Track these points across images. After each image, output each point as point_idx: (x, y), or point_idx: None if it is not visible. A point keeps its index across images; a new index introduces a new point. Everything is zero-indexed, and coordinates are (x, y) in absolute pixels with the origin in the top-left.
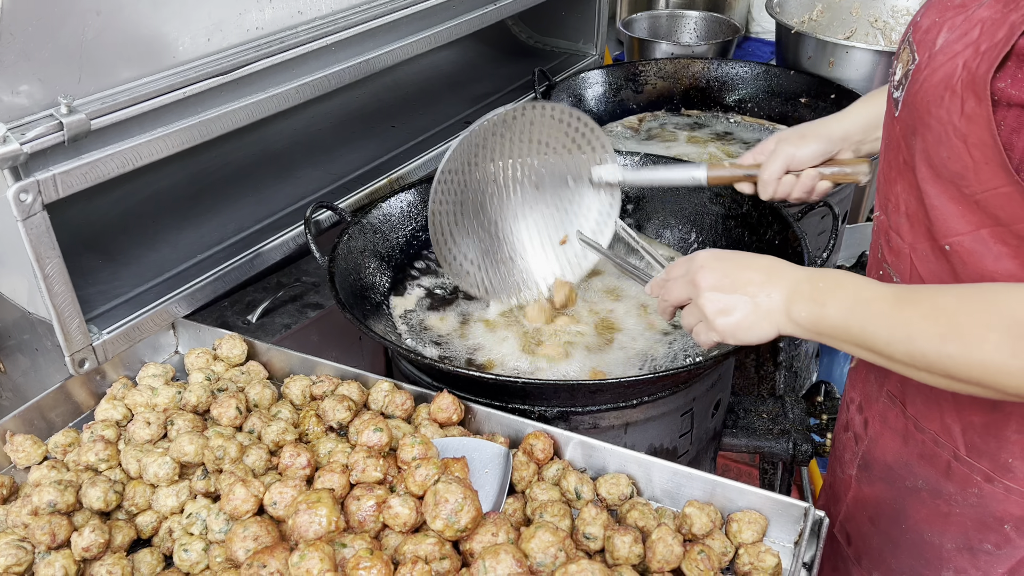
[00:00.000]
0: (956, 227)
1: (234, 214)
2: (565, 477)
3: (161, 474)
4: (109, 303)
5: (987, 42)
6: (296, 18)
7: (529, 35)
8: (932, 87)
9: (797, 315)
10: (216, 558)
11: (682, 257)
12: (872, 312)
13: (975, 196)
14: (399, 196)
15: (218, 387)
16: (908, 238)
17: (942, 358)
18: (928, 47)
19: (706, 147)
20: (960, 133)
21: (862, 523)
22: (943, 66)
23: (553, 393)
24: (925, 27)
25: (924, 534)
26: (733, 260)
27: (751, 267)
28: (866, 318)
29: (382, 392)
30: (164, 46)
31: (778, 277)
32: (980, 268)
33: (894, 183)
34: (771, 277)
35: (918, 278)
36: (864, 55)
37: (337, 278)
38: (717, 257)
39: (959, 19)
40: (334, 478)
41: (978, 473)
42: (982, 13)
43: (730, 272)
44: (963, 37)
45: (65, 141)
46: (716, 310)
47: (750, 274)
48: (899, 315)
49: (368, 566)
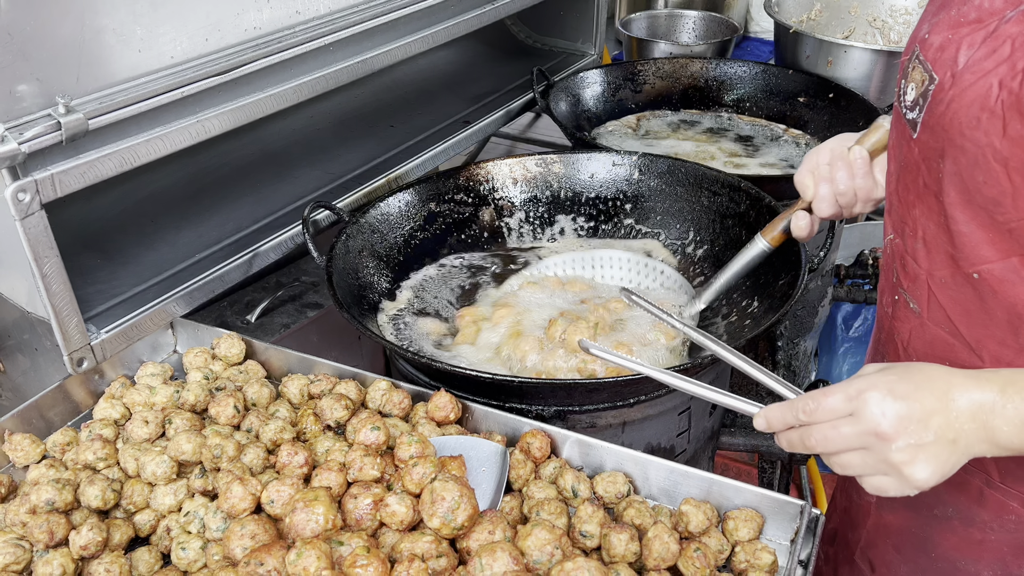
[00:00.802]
0: (985, 254)
1: (232, 214)
2: (562, 475)
3: (159, 473)
4: (107, 302)
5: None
6: (294, 18)
7: (528, 35)
8: (964, 107)
9: (1003, 439)
10: (214, 556)
11: (826, 389)
12: None
13: (1010, 224)
14: (397, 196)
15: (216, 386)
16: (924, 264)
17: None
18: (948, 66)
19: (705, 146)
20: (1000, 156)
21: (886, 551)
22: (973, 85)
23: (550, 392)
24: (938, 45)
25: (957, 562)
26: (909, 395)
27: (933, 395)
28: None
29: (380, 391)
30: (162, 46)
31: (964, 402)
32: (1012, 296)
33: (912, 207)
34: (958, 404)
35: (937, 305)
36: (862, 54)
37: (335, 278)
38: (894, 394)
39: (979, 35)
40: (331, 476)
41: (1014, 499)
42: (1011, 29)
43: (916, 413)
44: (992, 55)
45: (63, 141)
46: (915, 464)
47: (935, 407)
48: None
49: (365, 564)
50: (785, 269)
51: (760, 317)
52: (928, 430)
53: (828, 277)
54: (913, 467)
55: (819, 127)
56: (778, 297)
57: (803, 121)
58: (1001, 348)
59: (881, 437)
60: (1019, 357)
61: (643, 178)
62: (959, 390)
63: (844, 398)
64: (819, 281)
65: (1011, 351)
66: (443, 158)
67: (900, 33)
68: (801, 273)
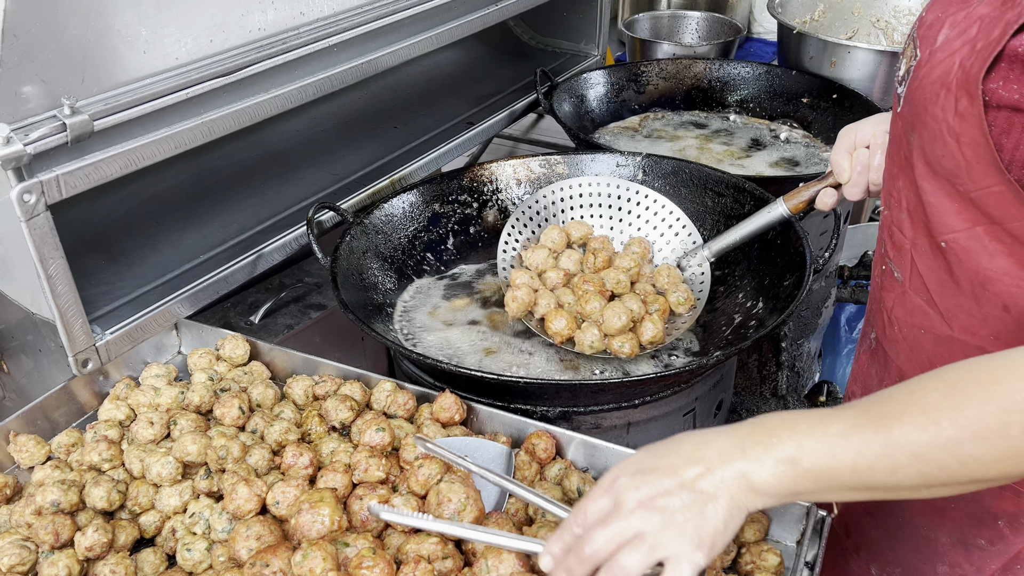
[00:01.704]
0: (952, 224)
1: (236, 215)
2: (567, 477)
3: (164, 474)
4: (112, 304)
5: (983, 40)
6: (298, 19)
7: (531, 36)
8: (930, 84)
9: (766, 484)
10: (219, 557)
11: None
12: (855, 446)
13: (969, 194)
14: (401, 196)
15: (221, 387)
16: (909, 234)
17: (964, 464)
18: (930, 43)
19: (708, 147)
20: (953, 131)
21: (860, 515)
22: (941, 63)
23: (555, 393)
24: (929, 23)
25: (920, 528)
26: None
27: (677, 453)
28: (854, 454)
29: (384, 392)
30: (167, 47)
31: (716, 455)
32: (975, 265)
33: (896, 179)
34: (703, 455)
35: (917, 274)
36: (866, 55)
37: (339, 278)
38: (637, 464)
39: (961, 15)
40: (337, 478)
41: None
42: (982, 10)
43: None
44: (962, 34)
45: (68, 142)
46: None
47: (681, 466)
48: (889, 437)
49: (371, 565)
50: (790, 270)
51: (765, 318)
52: (685, 493)
53: (832, 278)
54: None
55: (823, 128)
56: (783, 298)
57: (807, 122)
58: (969, 318)
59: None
60: (983, 326)
61: (647, 179)
62: (704, 438)
63: (601, 491)
64: (823, 282)
65: (976, 321)
66: (447, 159)
67: (903, 34)
68: (806, 274)
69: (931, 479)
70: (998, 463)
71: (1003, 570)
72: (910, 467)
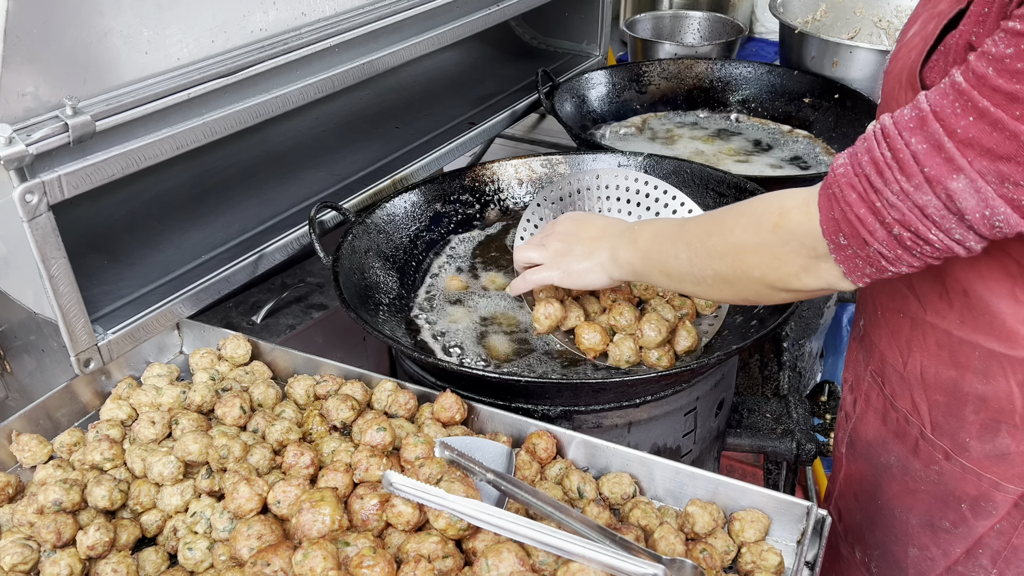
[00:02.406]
0: None
1: (238, 215)
2: (568, 476)
3: (166, 473)
4: (114, 303)
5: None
6: (300, 20)
7: (533, 36)
8: (892, 78)
9: (621, 257)
10: (220, 557)
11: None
12: (665, 236)
13: None
14: (403, 196)
15: (222, 387)
16: None
17: (709, 252)
18: (902, 39)
19: (710, 147)
20: None
21: (849, 499)
22: (901, 58)
23: (556, 392)
24: (911, 19)
25: (895, 510)
26: (582, 219)
27: (593, 224)
28: (660, 242)
29: (385, 392)
30: (169, 48)
31: (611, 229)
32: None
33: None
34: (605, 231)
35: None
36: (868, 55)
37: (341, 278)
38: (571, 217)
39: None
40: (338, 477)
41: (939, 451)
42: (941, 6)
43: (577, 228)
44: (922, 30)
45: (70, 142)
46: (556, 251)
47: (591, 231)
48: (681, 230)
49: (371, 564)
50: None
51: (766, 318)
52: (578, 237)
53: None
54: (556, 255)
55: (824, 128)
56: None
57: (808, 122)
58: (939, 302)
59: (552, 233)
60: (951, 310)
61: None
62: (616, 221)
63: (543, 230)
64: None
65: (944, 304)
66: (448, 159)
67: None
68: None
69: (695, 267)
70: (725, 254)
71: (967, 555)
72: (683, 254)
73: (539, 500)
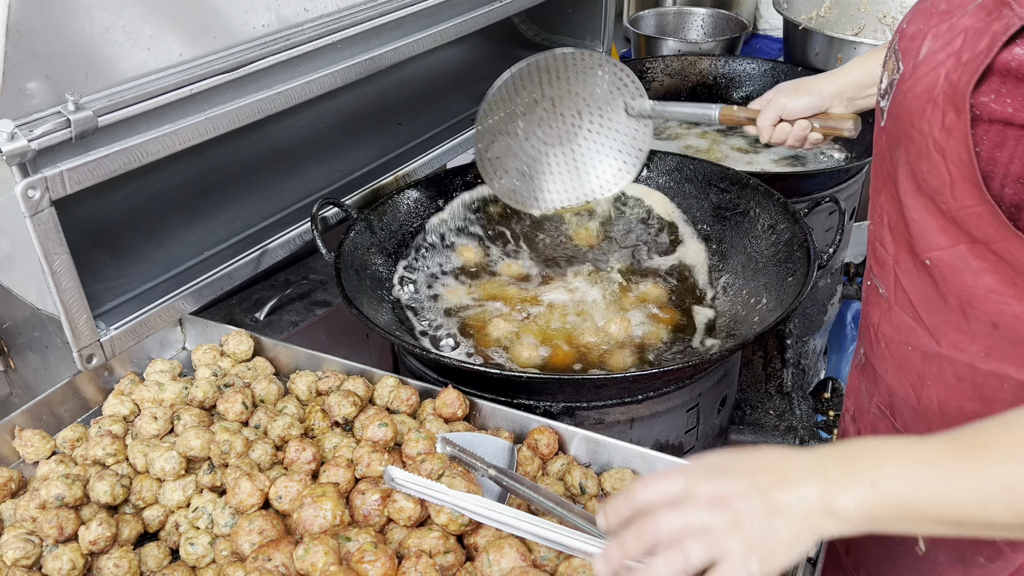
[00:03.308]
0: (935, 241)
1: (241, 211)
2: (570, 472)
3: (168, 468)
4: (117, 299)
5: (969, 52)
6: (302, 15)
7: (536, 32)
8: (915, 98)
9: (844, 508)
10: (222, 551)
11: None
12: (944, 475)
13: (951, 212)
14: (405, 193)
15: (224, 383)
16: (891, 250)
17: None
18: (913, 56)
19: (713, 143)
20: (939, 146)
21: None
22: (926, 76)
23: (558, 388)
24: (910, 35)
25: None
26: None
27: (761, 470)
28: (940, 484)
29: (387, 388)
30: (171, 44)
31: (796, 469)
32: (960, 283)
33: (879, 193)
34: (788, 474)
35: (902, 291)
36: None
37: (344, 274)
38: (710, 472)
39: (944, 27)
40: (339, 472)
41: None
42: (965, 21)
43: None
44: (946, 46)
45: (72, 138)
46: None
47: (772, 476)
48: (981, 467)
49: (372, 559)
50: (794, 266)
51: (768, 314)
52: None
53: (838, 275)
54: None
55: None
56: (787, 294)
57: None
58: (958, 335)
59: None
60: (973, 343)
61: (651, 175)
62: (790, 455)
63: (674, 474)
64: (828, 279)
65: (965, 337)
66: (451, 156)
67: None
68: (810, 270)
69: (1007, 526)
70: None
71: None
72: (1001, 501)
73: (540, 496)
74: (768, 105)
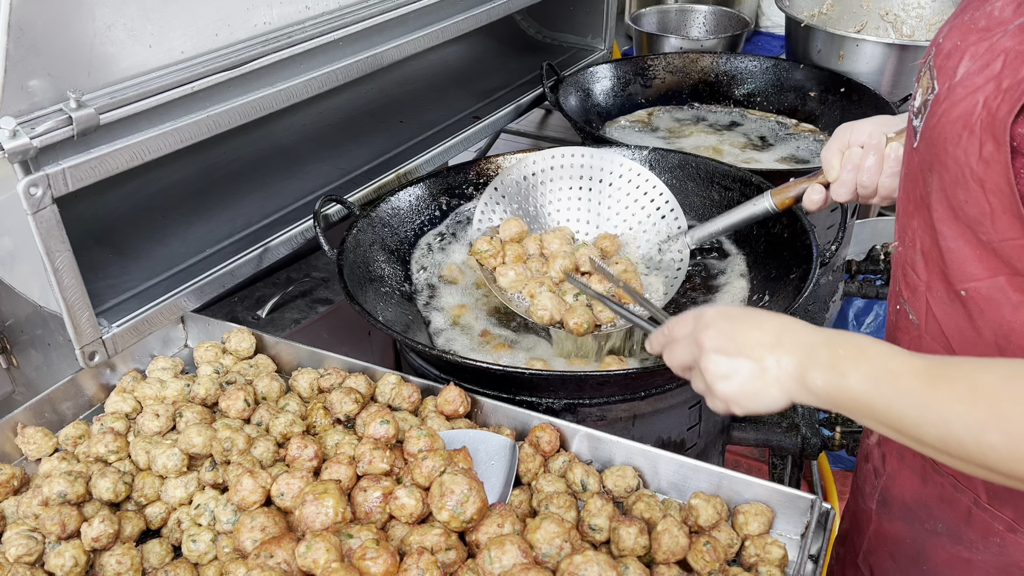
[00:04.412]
0: (973, 272)
1: (243, 209)
2: (571, 469)
3: (170, 465)
4: (119, 297)
5: (1010, 79)
6: (303, 13)
7: (537, 30)
8: (950, 123)
9: (813, 383)
10: (224, 548)
11: (688, 312)
12: (901, 388)
13: (992, 243)
14: (407, 190)
15: (226, 380)
16: (924, 277)
17: (982, 448)
18: (948, 76)
19: (716, 141)
20: (978, 177)
21: (884, 559)
22: (963, 100)
23: (560, 385)
24: (947, 51)
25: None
26: (742, 319)
27: (761, 327)
28: (893, 394)
29: (389, 385)
30: (172, 41)
31: (791, 340)
32: (998, 317)
33: (912, 217)
34: (782, 340)
35: (934, 320)
36: (874, 48)
37: (346, 271)
38: (725, 316)
39: (983, 46)
40: (341, 470)
41: (1000, 522)
42: (1006, 43)
43: (737, 333)
44: (985, 69)
45: (74, 135)
46: (718, 375)
47: (759, 335)
48: (932, 394)
49: (374, 556)
50: (796, 263)
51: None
52: (739, 347)
53: (840, 272)
54: (716, 379)
55: (830, 122)
56: (790, 291)
57: (814, 116)
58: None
59: (699, 345)
60: None
61: (654, 173)
62: (794, 326)
63: (692, 316)
64: (830, 276)
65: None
66: (452, 153)
67: (912, 27)
68: (812, 267)
69: (949, 448)
70: (1013, 461)
71: None
72: (933, 428)
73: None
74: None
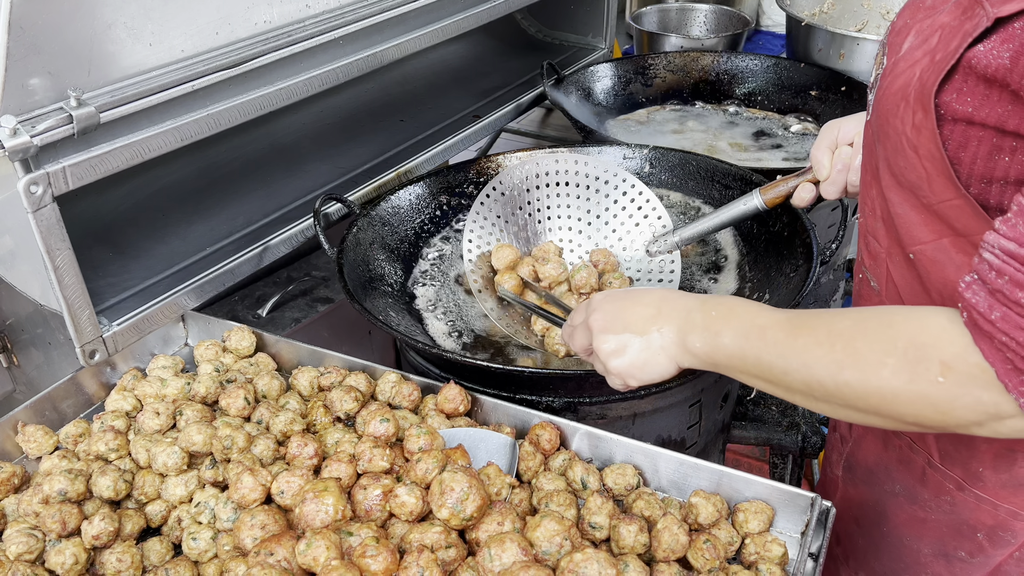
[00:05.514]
0: (919, 235)
1: (243, 207)
2: (571, 467)
3: (170, 463)
4: (119, 295)
5: (942, 51)
6: (304, 12)
7: (538, 29)
8: (891, 95)
9: (692, 346)
10: (224, 546)
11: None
12: (767, 340)
13: (932, 206)
14: (407, 189)
15: (227, 378)
16: (884, 243)
17: (840, 387)
18: (896, 51)
19: (716, 140)
20: (912, 144)
21: (848, 524)
22: (903, 73)
23: (560, 383)
24: (897, 29)
25: (903, 538)
26: (624, 298)
27: (642, 302)
28: (761, 347)
29: (389, 383)
30: (173, 40)
31: (669, 309)
32: (943, 276)
33: (869, 187)
34: (661, 310)
35: (892, 284)
36: (875, 47)
37: (346, 269)
38: (609, 298)
39: (926, 23)
40: (341, 468)
41: (950, 481)
42: (943, 19)
43: (621, 311)
44: (923, 44)
45: (75, 134)
46: (608, 352)
47: (641, 310)
48: (794, 342)
49: (374, 554)
50: (797, 262)
51: None
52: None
53: (840, 271)
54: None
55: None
56: (790, 290)
57: (815, 114)
58: None
59: (590, 328)
60: None
61: (654, 171)
62: (671, 296)
63: (583, 304)
64: (831, 275)
65: None
66: (453, 152)
67: None
68: (813, 266)
69: (813, 391)
70: (867, 396)
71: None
72: (797, 374)
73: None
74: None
